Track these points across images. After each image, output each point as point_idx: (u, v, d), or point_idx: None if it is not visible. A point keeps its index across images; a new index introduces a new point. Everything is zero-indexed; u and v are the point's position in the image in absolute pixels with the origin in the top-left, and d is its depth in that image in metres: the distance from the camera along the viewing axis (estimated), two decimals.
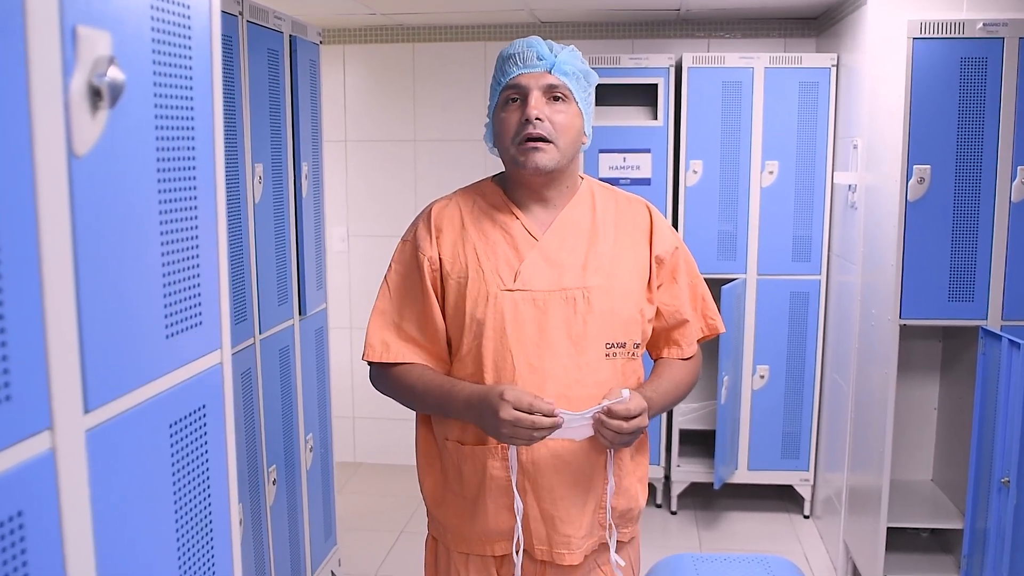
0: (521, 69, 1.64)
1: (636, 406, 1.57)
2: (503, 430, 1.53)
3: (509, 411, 1.51)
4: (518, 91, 1.64)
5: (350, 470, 4.60)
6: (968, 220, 2.86)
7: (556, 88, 1.64)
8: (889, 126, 2.98)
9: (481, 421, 1.59)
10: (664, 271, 1.77)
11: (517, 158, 1.65)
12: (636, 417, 1.57)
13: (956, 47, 2.81)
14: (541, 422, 1.51)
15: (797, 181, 3.80)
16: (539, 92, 1.63)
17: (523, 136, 1.63)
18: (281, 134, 2.81)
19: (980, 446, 2.75)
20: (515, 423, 1.51)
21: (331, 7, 3.83)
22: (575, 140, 1.68)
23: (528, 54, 1.64)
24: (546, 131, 1.62)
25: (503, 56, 1.68)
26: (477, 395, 1.59)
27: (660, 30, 4.25)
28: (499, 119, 1.67)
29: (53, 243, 0.80)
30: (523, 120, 1.62)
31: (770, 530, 3.91)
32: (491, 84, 1.72)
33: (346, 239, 4.58)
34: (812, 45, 4.15)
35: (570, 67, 1.65)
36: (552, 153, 1.64)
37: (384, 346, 1.72)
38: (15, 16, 0.75)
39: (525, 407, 1.51)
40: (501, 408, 1.52)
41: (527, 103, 1.63)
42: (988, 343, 2.74)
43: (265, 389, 2.71)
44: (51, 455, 0.81)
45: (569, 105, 1.66)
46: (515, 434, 1.53)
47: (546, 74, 1.64)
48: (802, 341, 3.90)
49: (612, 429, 1.56)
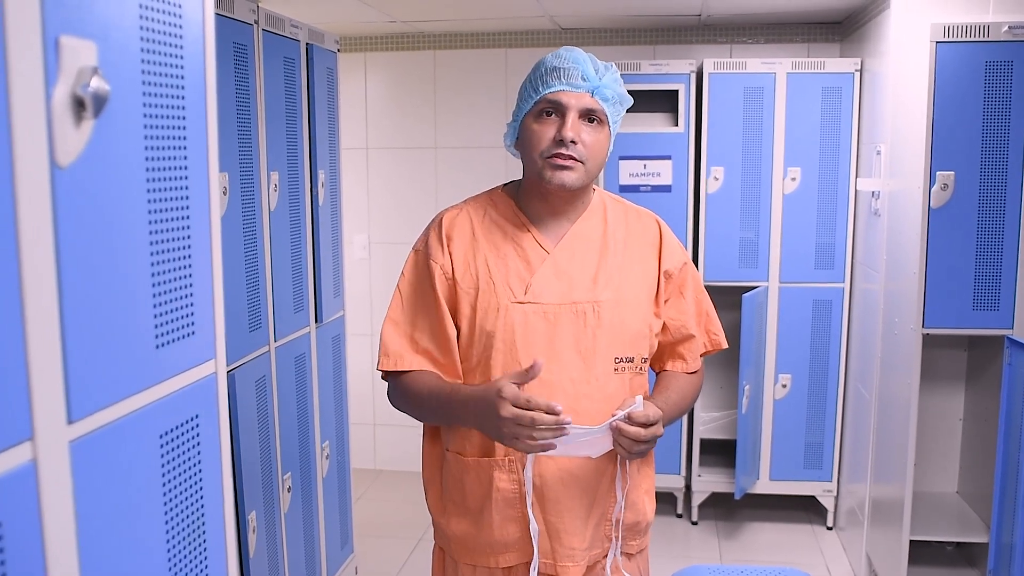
0: (563, 86, 1.61)
1: (654, 413, 1.55)
2: (504, 429, 1.49)
3: (508, 408, 1.48)
4: (556, 107, 1.62)
5: (370, 477, 4.60)
6: (993, 227, 2.80)
7: (594, 112, 1.62)
8: (912, 131, 2.93)
9: (482, 424, 1.56)
10: (672, 286, 1.75)
11: (544, 173, 1.62)
12: (653, 424, 1.55)
13: (981, 51, 2.76)
14: (541, 419, 1.46)
15: (820, 188, 3.75)
16: (577, 113, 1.61)
17: (555, 153, 1.61)
18: (297, 142, 2.81)
19: (1006, 458, 2.69)
20: (515, 420, 1.47)
21: (351, 15, 3.85)
22: (602, 162, 1.68)
23: (573, 72, 1.61)
24: (578, 153, 1.60)
25: (547, 67, 1.64)
26: (476, 396, 1.57)
27: (681, 36, 4.22)
28: (530, 128, 1.64)
29: (34, 252, 0.80)
30: (557, 138, 1.60)
31: (792, 541, 3.86)
32: (524, 87, 1.68)
33: (367, 247, 4.59)
34: (836, 50, 4.10)
35: (611, 92, 1.63)
36: (580, 173, 1.62)
37: (398, 356, 1.71)
38: None
39: (523, 403, 1.48)
40: (500, 406, 1.48)
41: (564, 122, 1.60)
42: (1014, 353, 2.68)
43: (280, 396, 2.71)
44: (32, 466, 0.80)
45: (602, 128, 1.64)
46: (517, 433, 1.48)
47: (587, 96, 1.61)
48: (825, 350, 3.85)
49: (631, 436, 1.53)
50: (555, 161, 1.60)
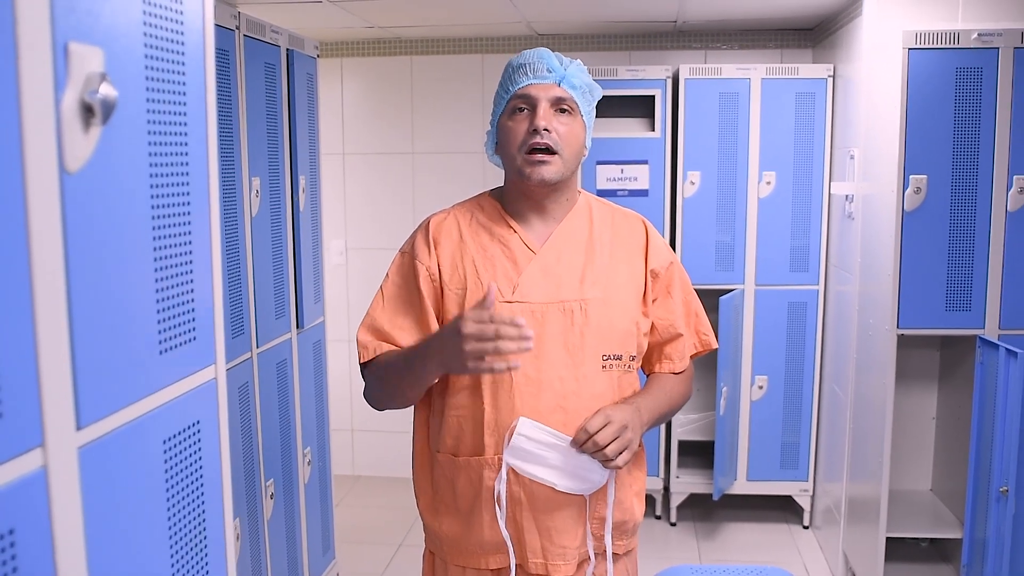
0: (531, 80, 1.65)
1: (605, 415, 1.58)
2: (467, 347, 1.46)
3: (470, 325, 1.46)
4: (527, 101, 1.66)
5: (348, 483, 4.58)
6: (965, 229, 2.86)
7: (564, 101, 1.66)
8: (885, 136, 2.98)
9: (444, 353, 1.52)
10: (659, 285, 1.78)
11: (523, 169, 1.65)
12: (606, 427, 1.56)
13: (951, 57, 2.82)
14: (505, 331, 1.44)
15: (794, 191, 3.81)
16: (547, 103, 1.65)
17: (530, 145, 1.64)
18: (278, 148, 2.81)
19: (978, 455, 2.75)
20: (478, 335, 1.45)
21: (329, 21, 3.85)
22: (578, 152, 1.70)
23: (539, 65, 1.66)
24: (552, 142, 1.64)
25: (513, 66, 1.69)
26: (438, 332, 1.58)
27: (657, 41, 4.26)
28: (506, 127, 1.68)
29: (45, 259, 0.80)
30: (531, 130, 1.64)
31: (769, 541, 3.90)
32: (497, 92, 1.73)
33: (344, 252, 4.58)
34: (808, 56, 4.17)
35: (578, 80, 1.67)
36: (557, 165, 1.65)
37: (376, 344, 1.71)
38: (6, 32, 0.75)
39: (486, 319, 1.46)
40: (463, 324, 1.47)
41: (535, 113, 1.64)
42: (985, 352, 2.74)
43: (262, 403, 2.71)
44: (43, 473, 0.80)
45: (574, 118, 1.68)
46: (480, 350, 1.45)
47: (555, 86, 1.65)
48: (800, 351, 3.90)
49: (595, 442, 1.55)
50: (532, 157, 1.64)
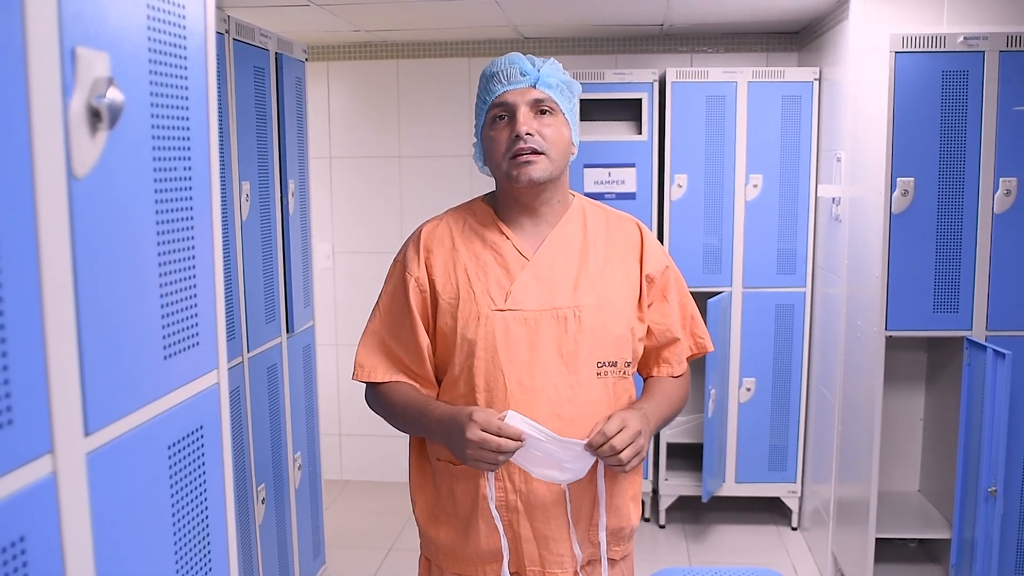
0: (506, 86, 1.64)
1: (620, 419, 1.56)
2: (468, 451, 1.52)
3: (476, 432, 1.51)
4: (505, 108, 1.65)
5: (338, 488, 4.57)
6: (952, 231, 2.89)
7: (542, 102, 1.65)
8: (872, 139, 3.00)
9: (449, 440, 1.58)
10: (655, 290, 1.77)
11: (510, 172, 1.64)
12: (622, 431, 1.55)
13: (937, 60, 2.84)
14: (507, 445, 1.50)
15: (781, 194, 3.83)
16: (526, 107, 1.64)
17: (514, 151, 1.63)
18: (268, 152, 2.80)
19: (966, 456, 2.77)
20: (480, 443, 1.50)
21: (315, 24, 3.84)
22: (565, 151, 1.69)
23: (511, 71, 1.65)
24: (537, 144, 1.63)
25: (486, 75, 1.68)
26: (449, 414, 1.59)
27: (643, 45, 4.28)
28: (488, 138, 1.68)
29: (53, 265, 0.79)
30: (513, 136, 1.63)
31: (758, 542, 3.91)
32: (476, 104, 1.72)
33: (331, 256, 4.57)
34: (794, 59, 4.19)
35: (553, 79, 1.66)
36: (544, 164, 1.64)
37: (372, 367, 1.73)
38: (15, 37, 0.74)
39: (494, 430, 1.51)
40: (468, 428, 1.51)
41: (515, 120, 1.63)
42: (973, 354, 2.76)
43: (253, 408, 2.69)
44: (52, 479, 0.80)
45: (556, 117, 1.67)
46: (479, 456, 1.52)
47: (531, 89, 1.64)
48: (788, 354, 3.92)
49: (612, 446, 1.53)
50: (518, 160, 1.63)
